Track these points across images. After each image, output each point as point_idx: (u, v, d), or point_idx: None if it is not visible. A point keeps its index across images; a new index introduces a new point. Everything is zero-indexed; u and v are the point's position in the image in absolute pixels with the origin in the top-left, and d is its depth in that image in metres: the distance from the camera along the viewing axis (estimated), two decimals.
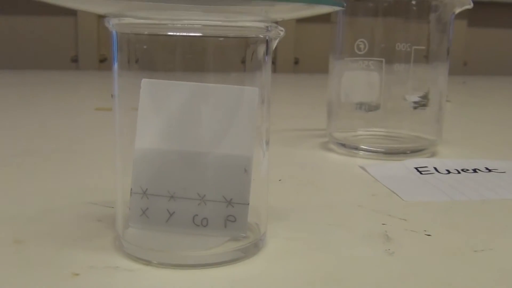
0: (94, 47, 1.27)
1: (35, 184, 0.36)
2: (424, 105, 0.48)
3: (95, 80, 1.06)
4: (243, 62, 0.25)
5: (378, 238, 0.28)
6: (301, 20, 1.32)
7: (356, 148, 0.47)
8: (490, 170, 0.41)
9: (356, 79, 0.48)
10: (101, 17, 0.25)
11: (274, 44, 0.26)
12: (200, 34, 0.24)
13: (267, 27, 0.24)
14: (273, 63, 1.36)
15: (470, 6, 0.46)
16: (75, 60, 1.29)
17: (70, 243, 0.26)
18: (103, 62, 1.27)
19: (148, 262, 0.24)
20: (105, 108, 0.66)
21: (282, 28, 0.25)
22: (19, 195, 0.34)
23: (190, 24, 0.23)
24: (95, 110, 0.67)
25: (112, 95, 0.25)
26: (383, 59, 0.47)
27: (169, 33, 0.24)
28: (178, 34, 0.24)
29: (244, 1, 0.20)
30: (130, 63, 0.25)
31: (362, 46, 0.47)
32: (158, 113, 0.24)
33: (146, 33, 0.24)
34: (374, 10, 0.47)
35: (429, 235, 0.28)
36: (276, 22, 0.25)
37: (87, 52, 1.27)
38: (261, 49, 0.25)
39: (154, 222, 0.24)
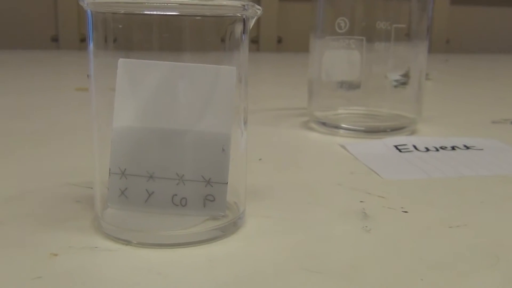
0: (75, 26, 1.25)
1: (13, 165, 0.36)
2: (405, 83, 0.49)
3: (76, 60, 1.05)
4: (221, 41, 0.25)
5: (356, 216, 0.28)
6: None
7: (337, 127, 0.47)
8: (468, 148, 0.42)
9: (337, 57, 0.48)
10: None
11: (251, 23, 0.26)
12: (177, 13, 0.24)
13: (243, 5, 0.24)
14: (256, 42, 1.36)
15: None
16: (55, 39, 1.27)
17: (49, 224, 0.26)
18: (84, 42, 1.26)
19: (127, 242, 0.24)
20: (85, 88, 0.66)
21: (259, 7, 0.25)
22: None
23: (166, 2, 0.23)
24: (75, 90, 0.67)
25: (88, 75, 0.25)
26: (364, 38, 0.47)
27: (146, 12, 0.24)
28: (154, 13, 0.24)
29: None
30: (106, 43, 0.25)
31: (342, 24, 0.47)
32: (136, 93, 0.24)
33: (122, 12, 0.24)
34: None
35: (406, 211, 0.29)
36: (254, 1, 0.25)
37: (68, 32, 1.25)
38: (238, 28, 0.25)
39: (133, 202, 0.24)
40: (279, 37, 1.39)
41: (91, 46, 0.25)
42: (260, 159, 0.38)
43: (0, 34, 1.24)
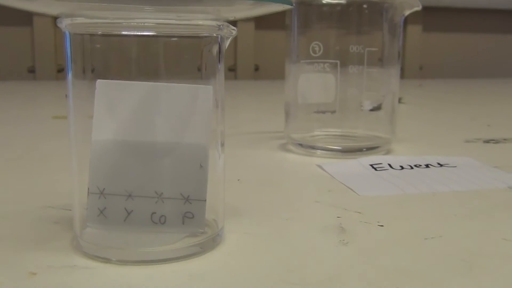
0: (51, 57, 1.25)
1: None
2: (379, 107, 0.50)
3: (53, 90, 1.05)
4: (197, 61, 0.26)
5: (333, 230, 0.29)
6: (260, 27, 1.33)
7: (313, 148, 0.48)
8: (441, 165, 0.43)
9: (312, 81, 0.49)
10: (57, 27, 0.25)
11: (226, 44, 0.26)
12: (154, 33, 0.24)
13: (219, 25, 0.25)
14: (234, 70, 1.37)
15: (419, 8, 0.47)
16: (32, 70, 1.27)
17: (27, 245, 0.26)
18: (61, 72, 1.26)
19: (106, 260, 0.24)
20: (62, 116, 0.66)
21: (234, 28, 0.26)
22: None
23: (143, 22, 0.24)
24: (52, 118, 0.66)
25: (66, 95, 0.25)
26: (338, 61, 0.48)
27: (123, 33, 0.24)
28: (131, 33, 0.24)
29: (195, 0, 0.21)
30: (84, 64, 0.25)
31: (317, 48, 0.49)
32: (114, 112, 0.24)
33: (99, 33, 0.24)
34: (328, 13, 0.49)
35: (381, 225, 0.29)
36: (230, 22, 0.26)
37: (44, 63, 1.25)
38: (214, 48, 0.26)
39: (112, 221, 0.25)
40: (256, 65, 1.41)
41: (69, 66, 0.25)
42: (238, 180, 0.38)
43: None
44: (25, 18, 1.21)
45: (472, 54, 1.58)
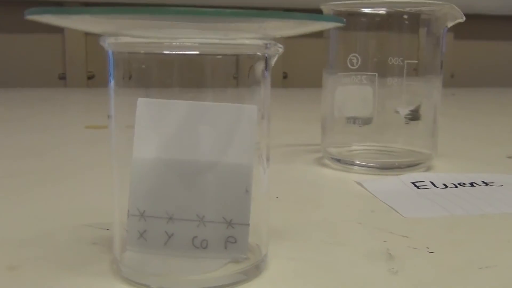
0: (82, 64, 1.26)
1: (26, 206, 0.35)
2: (417, 119, 0.48)
3: (84, 98, 1.05)
4: (242, 79, 0.25)
5: (381, 257, 0.27)
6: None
7: (351, 163, 0.47)
8: (487, 184, 0.41)
9: (349, 93, 0.48)
10: (88, 34, 0.24)
11: (273, 61, 0.25)
12: (197, 53, 0.23)
13: (266, 44, 0.24)
14: None
15: (462, 19, 0.46)
16: (62, 77, 1.28)
17: (66, 268, 0.25)
18: (91, 79, 1.27)
19: (147, 287, 0.23)
20: (95, 126, 0.66)
21: (281, 45, 0.25)
22: (10, 218, 0.33)
23: (187, 42, 0.23)
24: (85, 128, 0.66)
25: (108, 116, 0.25)
26: (376, 74, 0.47)
27: (166, 52, 0.23)
28: (175, 52, 0.23)
29: (241, 19, 0.20)
30: (125, 82, 0.24)
31: (354, 60, 0.47)
32: (155, 133, 0.23)
33: (142, 52, 0.24)
34: (367, 24, 0.47)
35: (431, 252, 0.28)
36: (275, 39, 0.25)
37: (75, 70, 1.26)
38: (260, 66, 0.25)
39: (152, 245, 0.24)
40: (284, 73, 1.40)
41: (111, 84, 0.24)
42: (276, 198, 0.37)
43: (9, 73, 1.25)
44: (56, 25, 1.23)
45: (504, 62, 1.55)
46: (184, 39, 0.23)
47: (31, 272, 0.25)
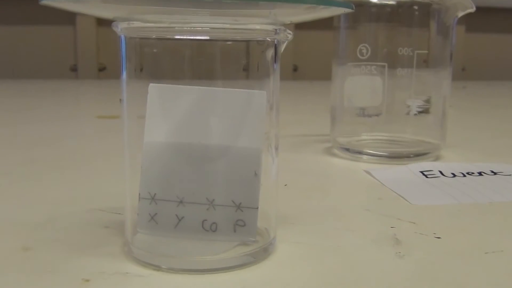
0: (93, 56, 1.27)
1: (40, 191, 0.36)
2: (427, 110, 0.48)
3: (95, 89, 1.06)
4: (252, 65, 0.25)
5: (388, 241, 0.28)
6: (300, 27, 1.32)
7: (360, 153, 0.47)
8: (495, 173, 0.41)
9: (359, 84, 0.48)
10: (100, 26, 0.25)
11: (282, 48, 0.26)
12: (208, 37, 0.24)
13: (275, 29, 0.24)
14: None
15: (472, 9, 0.46)
16: (74, 69, 1.29)
17: (79, 249, 0.26)
18: (102, 71, 1.27)
19: (158, 268, 0.24)
20: (107, 115, 0.66)
21: (290, 32, 0.25)
22: (25, 202, 0.34)
23: (198, 27, 0.23)
24: (96, 117, 0.67)
25: (120, 100, 0.25)
26: (386, 64, 0.47)
27: (177, 37, 0.24)
28: (186, 37, 0.24)
29: (251, 3, 0.20)
30: (137, 68, 0.25)
31: (364, 51, 0.47)
32: (166, 118, 0.24)
33: (154, 37, 0.24)
34: (377, 15, 0.48)
35: (438, 237, 0.28)
36: (284, 25, 0.25)
37: (86, 61, 1.27)
38: (270, 52, 0.25)
39: (163, 227, 0.24)
40: (294, 65, 1.40)
41: (123, 70, 0.25)
42: (285, 185, 0.38)
43: (21, 64, 1.26)
44: (68, 17, 1.23)
45: None
46: (195, 23, 0.23)
47: (45, 252, 0.25)
